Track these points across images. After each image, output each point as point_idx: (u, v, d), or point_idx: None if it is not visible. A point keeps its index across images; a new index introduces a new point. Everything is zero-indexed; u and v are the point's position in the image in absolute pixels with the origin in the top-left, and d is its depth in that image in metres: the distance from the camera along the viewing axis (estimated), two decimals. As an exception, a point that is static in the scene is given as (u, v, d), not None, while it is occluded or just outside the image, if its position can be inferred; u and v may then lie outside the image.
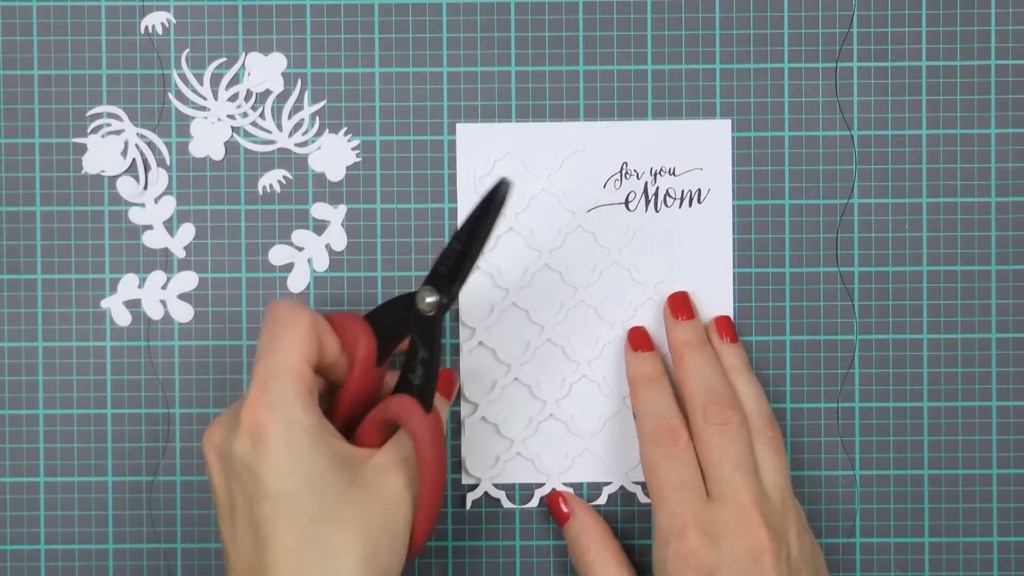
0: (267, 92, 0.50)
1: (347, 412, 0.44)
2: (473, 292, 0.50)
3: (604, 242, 0.50)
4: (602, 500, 0.50)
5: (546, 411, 0.50)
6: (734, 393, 0.47)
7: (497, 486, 0.50)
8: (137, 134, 0.50)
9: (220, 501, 0.42)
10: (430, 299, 0.42)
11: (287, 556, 0.40)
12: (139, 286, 0.50)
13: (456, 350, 0.50)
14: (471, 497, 0.50)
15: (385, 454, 0.43)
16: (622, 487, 0.50)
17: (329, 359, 0.44)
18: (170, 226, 0.50)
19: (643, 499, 0.50)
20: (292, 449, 0.40)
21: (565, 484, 0.50)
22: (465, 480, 0.50)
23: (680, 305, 0.49)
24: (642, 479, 0.50)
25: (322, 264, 0.50)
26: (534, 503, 0.50)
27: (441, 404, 0.46)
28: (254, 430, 0.41)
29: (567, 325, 0.50)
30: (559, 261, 0.50)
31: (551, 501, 0.49)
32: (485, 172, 0.50)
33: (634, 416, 0.48)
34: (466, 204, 0.50)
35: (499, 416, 0.50)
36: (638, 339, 0.49)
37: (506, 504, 0.50)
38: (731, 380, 0.48)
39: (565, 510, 0.49)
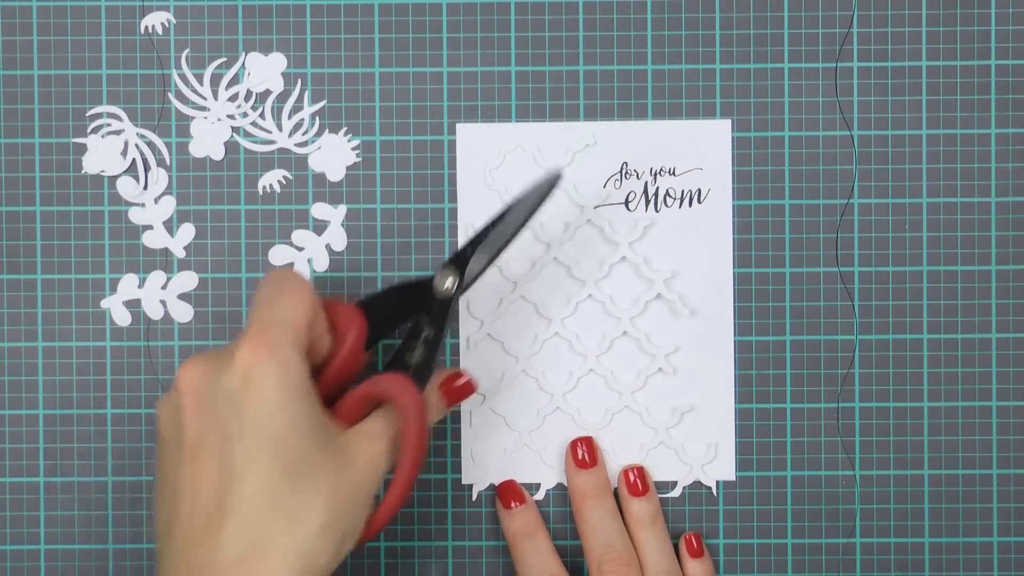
0: (267, 92, 0.50)
1: (324, 393, 0.44)
2: (481, 285, 0.50)
3: (613, 237, 0.50)
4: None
5: (553, 404, 0.50)
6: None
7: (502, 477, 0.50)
8: (137, 134, 0.50)
9: (190, 438, 0.40)
10: (451, 281, 0.44)
11: (254, 498, 0.39)
12: (139, 286, 0.50)
13: (462, 343, 0.50)
14: (477, 489, 0.50)
15: (364, 425, 0.43)
16: (622, 487, 0.50)
17: (315, 335, 0.43)
18: (170, 226, 0.50)
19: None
20: (284, 391, 0.40)
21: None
22: (471, 472, 0.50)
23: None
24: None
25: (322, 264, 0.50)
26: (540, 495, 0.50)
27: (437, 404, 0.46)
28: (248, 368, 0.40)
29: (575, 319, 0.50)
30: (567, 255, 0.50)
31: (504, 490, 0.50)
32: (495, 165, 0.50)
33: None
34: (466, 204, 0.50)
35: (506, 408, 0.50)
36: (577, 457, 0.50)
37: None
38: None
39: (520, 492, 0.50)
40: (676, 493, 0.50)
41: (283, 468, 0.39)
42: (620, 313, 0.50)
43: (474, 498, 0.50)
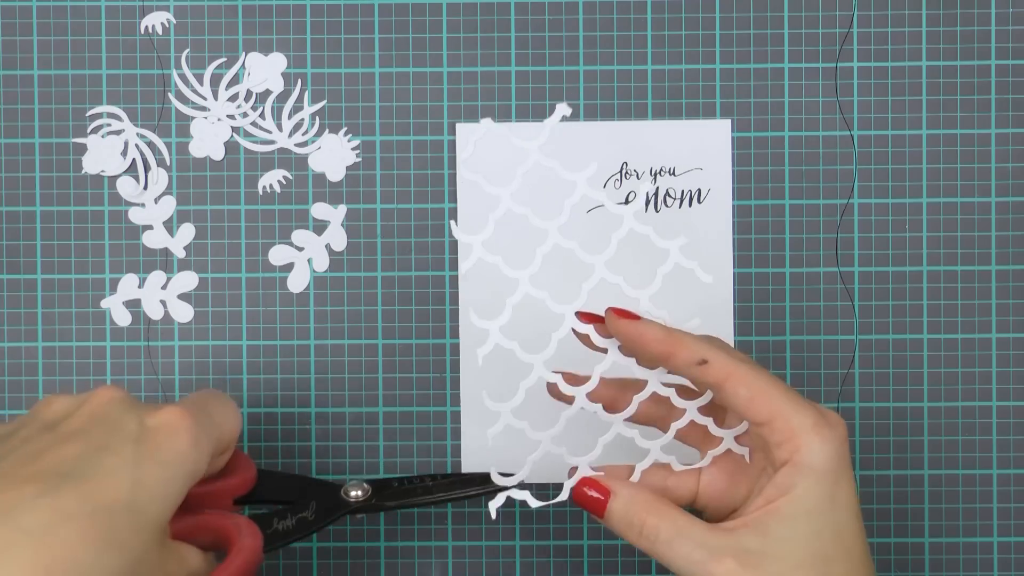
0: (267, 92, 0.50)
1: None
2: (483, 287, 0.50)
3: (613, 237, 0.50)
4: (635, 476, 0.47)
5: (576, 404, 0.48)
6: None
7: (520, 487, 0.48)
8: (137, 134, 0.50)
9: (71, 424, 0.38)
10: (364, 493, 0.45)
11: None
12: (139, 286, 0.50)
13: (463, 346, 0.50)
14: (494, 506, 0.44)
15: (191, 553, 0.40)
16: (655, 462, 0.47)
17: (223, 449, 0.42)
18: (170, 226, 0.50)
19: (676, 466, 0.46)
20: (182, 462, 0.38)
21: (594, 469, 0.45)
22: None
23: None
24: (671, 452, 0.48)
25: (322, 264, 0.50)
26: (564, 495, 0.46)
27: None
28: (172, 421, 0.38)
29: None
30: (569, 255, 0.50)
31: (579, 494, 0.44)
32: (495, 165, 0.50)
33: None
34: (466, 204, 0.50)
35: (523, 419, 0.48)
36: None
37: (532, 504, 0.47)
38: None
39: (598, 496, 0.43)
40: (676, 493, 0.50)
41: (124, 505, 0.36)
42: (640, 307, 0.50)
43: (474, 498, 0.50)
